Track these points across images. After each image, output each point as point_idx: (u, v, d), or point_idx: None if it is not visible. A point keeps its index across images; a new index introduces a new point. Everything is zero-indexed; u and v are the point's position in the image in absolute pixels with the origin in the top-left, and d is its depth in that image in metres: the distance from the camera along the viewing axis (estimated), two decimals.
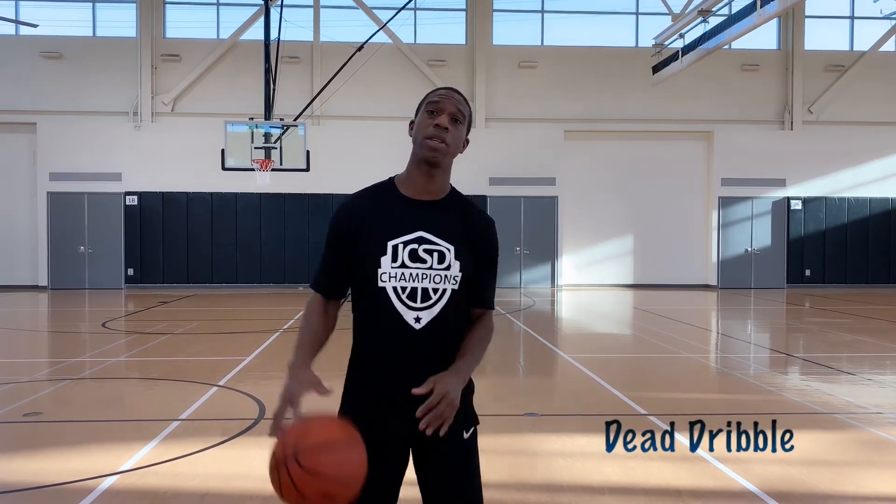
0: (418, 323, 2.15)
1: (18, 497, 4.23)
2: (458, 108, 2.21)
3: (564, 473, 4.66)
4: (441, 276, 2.16)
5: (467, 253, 2.21)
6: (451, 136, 2.19)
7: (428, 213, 2.21)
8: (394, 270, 2.14)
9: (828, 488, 4.40)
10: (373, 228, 2.18)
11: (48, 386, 7.34)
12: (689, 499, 4.22)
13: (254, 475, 4.58)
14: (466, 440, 2.23)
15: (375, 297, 2.15)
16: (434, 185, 2.24)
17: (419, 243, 2.16)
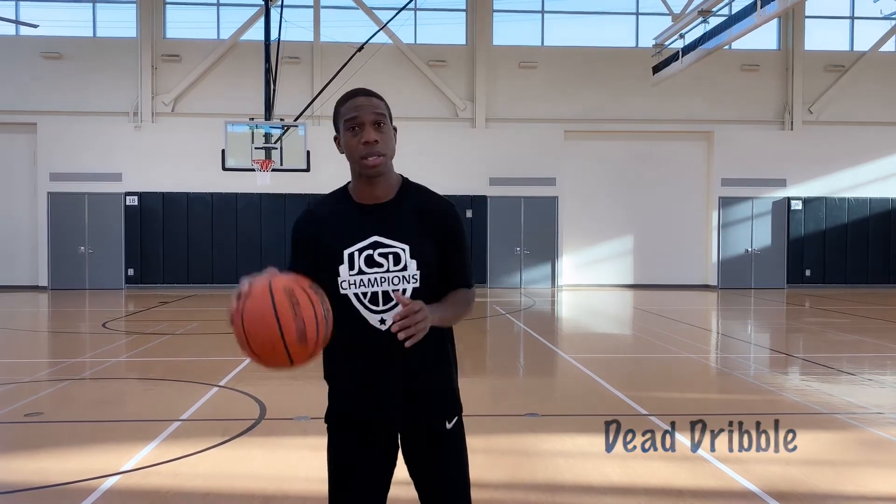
0: (383, 325, 2.17)
1: (20, 497, 4.23)
2: (375, 112, 2.18)
3: (566, 473, 4.66)
4: (399, 276, 2.18)
5: (426, 246, 2.20)
6: (383, 143, 2.18)
7: (380, 217, 2.22)
8: (352, 277, 2.18)
9: (828, 488, 4.41)
10: (329, 238, 2.21)
11: (49, 386, 7.34)
12: (690, 499, 4.22)
13: (256, 475, 4.59)
14: (450, 430, 2.25)
15: (339, 303, 2.16)
16: (379, 190, 2.24)
17: (374, 248, 2.19)
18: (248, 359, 1.93)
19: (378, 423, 2.22)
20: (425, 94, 20.45)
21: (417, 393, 2.22)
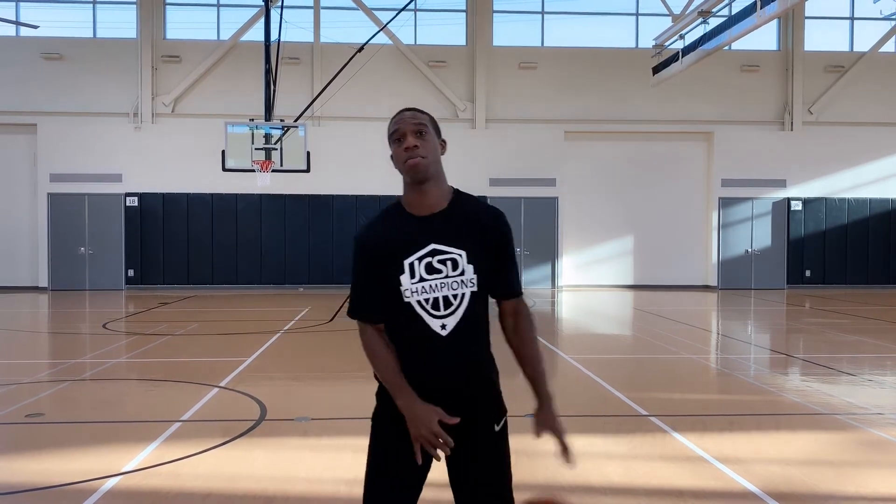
0: (444, 329, 2.29)
1: (22, 498, 4.24)
2: (415, 123, 2.35)
3: (566, 473, 4.66)
4: (458, 281, 2.29)
5: (480, 252, 2.32)
6: (423, 147, 2.31)
7: (436, 225, 2.32)
8: (414, 286, 2.28)
9: (829, 488, 4.41)
10: (390, 251, 2.31)
11: (50, 387, 7.35)
12: (691, 499, 4.23)
13: (256, 475, 4.60)
14: (497, 432, 2.35)
15: (403, 311, 2.30)
16: (431, 199, 2.34)
17: (433, 255, 2.29)
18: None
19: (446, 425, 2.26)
20: (425, 95, 20.45)
21: (471, 396, 2.33)
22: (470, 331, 2.32)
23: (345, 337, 11.10)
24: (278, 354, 9.28)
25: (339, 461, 4.91)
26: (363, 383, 7.53)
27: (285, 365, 8.61)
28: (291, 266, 19.97)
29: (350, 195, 19.88)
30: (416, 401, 2.24)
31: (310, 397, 6.89)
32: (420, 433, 2.20)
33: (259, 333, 11.07)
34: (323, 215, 20.00)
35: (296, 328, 11.85)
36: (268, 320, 12.94)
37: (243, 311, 14.77)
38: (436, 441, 2.19)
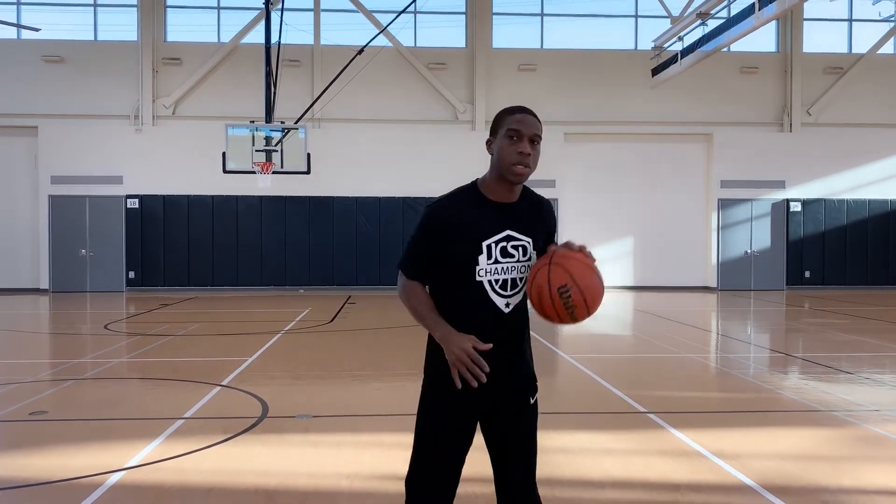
0: (507, 307, 2.51)
1: (27, 493, 4.29)
2: (534, 132, 2.49)
3: (564, 469, 4.72)
4: (525, 266, 2.53)
5: (540, 238, 2.59)
6: (533, 158, 2.49)
7: (511, 214, 2.53)
8: (489, 266, 2.48)
9: (825, 482, 4.46)
10: (468, 230, 2.47)
11: (52, 386, 7.40)
12: (688, 492, 4.28)
13: (258, 471, 4.65)
14: (533, 405, 2.60)
15: (473, 289, 2.47)
16: (514, 194, 2.56)
17: (507, 241, 2.50)
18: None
19: (483, 391, 2.44)
20: (425, 97, 20.52)
21: (518, 370, 2.57)
22: (524, 310, 2.59)
23: (345, 337, 11.16)
24: (279, 354, 9.33)
25: (340, 457, 4.96)
26: (364, 382, 7.62)
27: (286, 364, 8.65)
28: (292, 267, 20.02)
29: (350, 197, 19.93)
30: (452, 330, 2.42)
31: (311, 395, 6.93)
32: (457, 356, 2.36)
33: (260, 334, 11.12)
34: (323, 217, 20.05)
35: (296, 329, 11.89)
36: (269, 321, 12.99)
37: (244, 312, 14.82)
38: (470, 362, 2.35)
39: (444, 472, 2.51)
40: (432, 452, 2.52)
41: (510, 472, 2.57)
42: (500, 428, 2.56)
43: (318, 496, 4.22)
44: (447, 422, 2.50)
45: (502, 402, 2.53)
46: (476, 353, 2.36)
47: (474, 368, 2.35)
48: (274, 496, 4.26)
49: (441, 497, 2.51)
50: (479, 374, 2.36)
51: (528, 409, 2.59)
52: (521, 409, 2.57)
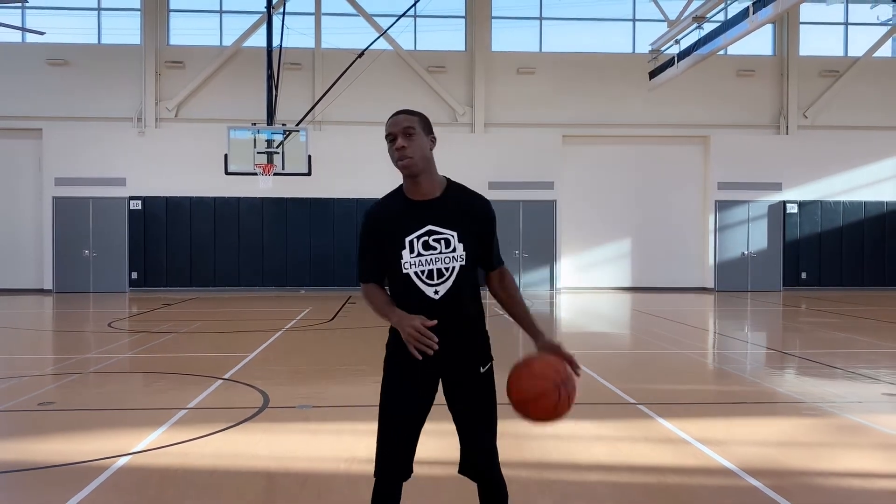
0: (437, 294, 2.73)
1: (40, 474, 4.47)
2: (403, 126, 2.73)
3: (554, 453, 4.91)
4: (449, 257, 2.73)
5: (469, 233, 2.77)
6: (411, 148, 2.71)
7: (431, 210, 2.75)
8: (412, 259, 2.72)
9: (802, 466, 4.65)
10: (392, 229, 2.76)
11: (59, 380, 7.59)
12: (671, 475, 4.47)
13: (259, 455, 4.84)
14: (483, 374, 2.82)
15: (402, 280, 2.75)
16: (425, 188, 2.77)
17: (429, 235, 2.73)
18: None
19: (428, 368, 2.74)
20: (425, 100, 20.72)
21: (465, 346, 2.79)
22: (459, 296, 2.75)
23: (345, 335, 11.35)
24: (280, 350, 9.52)
25: (339, 443, 5.15)
26: (362, 376, 7.81)
27: (287, 359, 8.85)
28: (292, 268, 20.22)
29: (350, 198, 20.13)
30: (403, 314, 2.68)
31: (311, 388, 7.12)
32: (409, 333, 2.61)
33: (262, 332, 11.31)
34: (324, 218, 20.26)
35: (297, 327, 12.09)
36: (270, 319, 13.18)
37: (246, 311, 15.01)
38: (420, 336, 2.59)
39: (402, 432, 2.75)
40: (390, 415, 2.77)
41: (469, 436, 2.81)
42: (455, 396, 2.80)
43: (316, 478, 4.41)
44: (402, 385, 2.77)
45: (453, 374, 2.78)
46: (424, 328, 2.60)
47: (425, 340, 2.58)
48: (274, 478, 4.45)
49: (400, 455, 2.75)
50: (431, 344, 2.59)
51: (479, 377, 2.80)
52: (472, 377, 2.79)
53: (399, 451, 2.75)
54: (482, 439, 2.81)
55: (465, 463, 2.84)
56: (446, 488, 4.10)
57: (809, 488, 4.22)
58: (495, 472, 2.85)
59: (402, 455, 2.75)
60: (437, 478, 4.23)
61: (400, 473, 2.77)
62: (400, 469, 2.76)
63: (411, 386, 2.77)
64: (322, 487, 4.25)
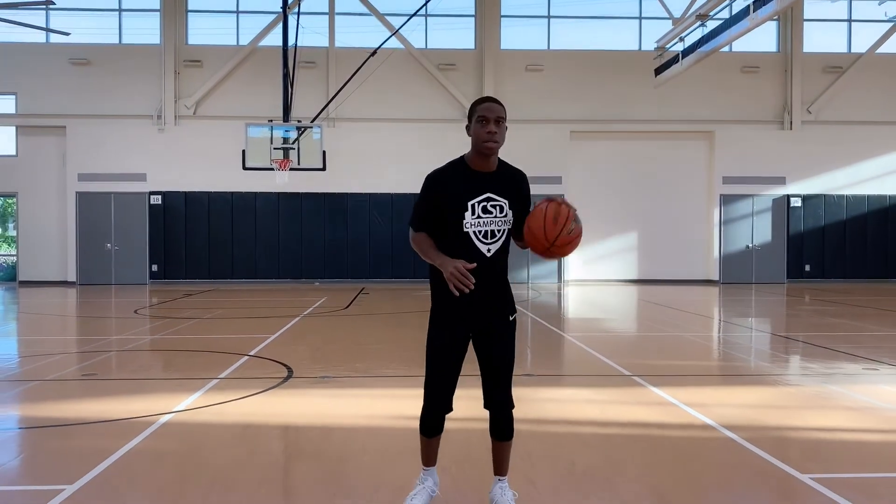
0: (489, 252, 3.27)
1: (93, 427, 5.05)
2: (499, 115, 3.24)
3: (551, 412, 5.45)
4: (502, 220, 3.29)
5: (516, 202, 3.33)
6: (500, 133, 3.25)
7: (490, 180, 3.29)
8: (473, 220, 3.25)
9: (775, 422, 5.17)
10: (456, 193, 3.26)
11: (95, 356, 8.18)
12: (655, 429, 4.99)
13: (287, 413, 5.41)
14: (511, 321, 3.39)
15: (461, 238, 3.25)
16: (491, 164, 3.32)
17: (487, 201, 3.26)
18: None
19: (478, 319, 3.30)
20: (435, 97, 21.26)
21: (500, 297, 3.35)
22: (503, 255, 3.32)
23: (361, 320, 11.91)
24: (300, 332, 10.09)
25: (358, 404, 5.71)
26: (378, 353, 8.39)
27: (307, 339, 9.41)
28: (307, 261, 20.82)
29: (363, 193, 20.70)
30: (447, 258, 3.18)
31: (330, 362, 7.67)
32: (450, 272, 3.10)
33: (281, 317, 11.88)
34: (338, 213, 20.84)
35: (315, 313, 12.66)
36: (288, 307, 13.76)
37: (264, 300, 15.60)
38: (459, 275, 3.08)
39: (446, 373, 3.31)
40: (436, 359, 3.33)
41: (493, 376, 3.35)
42: (488, 338, 3.32)
43: (340, 430, 4.96)
44: (446, 334, 3.31)
45: (489, 320, 3.32)
46: (464, 269, 3.09)
47: (463, 280, 3.08)
48: (302, 430, 5.02)
49: (443, 392, 3.32)
50: (468, 283, 3.08)
51: (508, 324, 3.37)
52: (503, 323, 3.35)
53: (442, 389, 3.30)
54: (504, 378, 3.35)
55: (491, 397, 3.36)
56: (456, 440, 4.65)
57: (778, 439, 4.74)
58: (510, 405, 3.39)
59: (444, 392, 3.30)
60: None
61: (442, 407, 3.33)
62: (443, 403, 3.32)
63: (451, 336, 3.29)
64: (345, 437, 4.80)
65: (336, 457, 4.35)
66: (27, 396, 6.15)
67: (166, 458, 4.37)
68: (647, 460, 4.33)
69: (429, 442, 3.45)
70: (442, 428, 3.41)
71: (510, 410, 3.39)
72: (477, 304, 3.25)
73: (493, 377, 3.35)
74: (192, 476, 4.03)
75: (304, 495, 3.77)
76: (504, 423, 3.39)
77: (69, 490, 3.71)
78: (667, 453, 4.47)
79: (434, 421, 3.37)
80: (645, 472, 4.11)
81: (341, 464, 4.21)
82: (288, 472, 4.25)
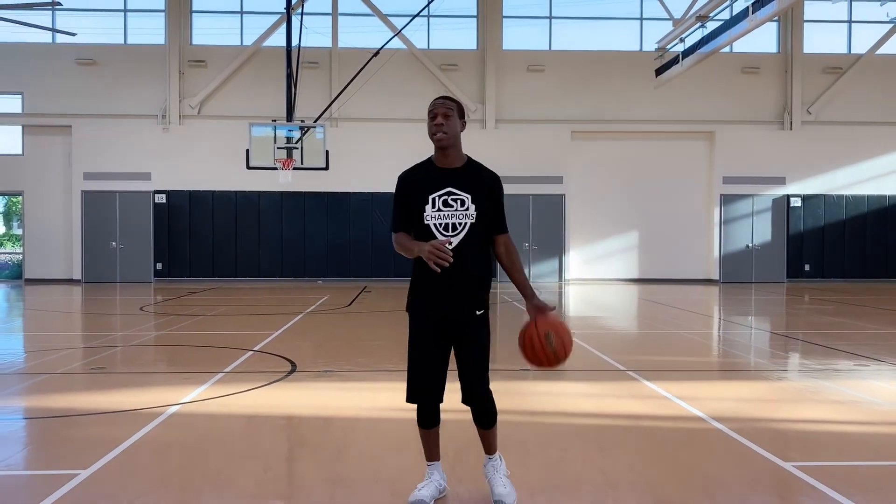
0: (450, 245, 3.35)
1: (105, 417, 5.23)
2: (445, 108, 3.40)
3: (547, 405, 5.62)
4: (463, 213, 3.39)
5: (482, 198, 3.42)
6: (448, 126, 3.38)
7: (452, 176, 3.42)
8: (433, 213, 3.38)
9: (763, 415, 5.33)
10: (420, 188, 3.42)
11: (104, 351, 8.37)
12: (646, 421, 5.16)
13: (291, 405, 5.59)
14: (479, 316, 3.46)
15: (424, 230, 3.40)
16: (451, 159, 3.45)
17: (448, 195, 3.39)
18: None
19: (443, 309, 3.41)
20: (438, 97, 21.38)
21: (468, 291, 3.41)
22: (468, 247, 3.38)
23: (363, 317, 12.09)
24: (304, 329, 10.27)
25: (359, 396, 5.89)
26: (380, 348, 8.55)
27: (310, 336, 9.59)
28: (310, 260, 21.01)
29: (366, 192, 20.88)
30: (423, 243, 3.30)
31: (333, 357, 7.85)
32: (429, 251, 3.21)
33: (284, 314, 12.07)
34: (341, 212, 21.03)
35: (318, 311, 12.84)
36: (291, 305, 13.95)
37: (267, 298, 15.79)
38: (437, 251, 3.20)
39: (423, 361, 3.43)
40: (412, 349, 3.48)
41: (467, 368, 3.44)
42: (458, 334, 3.42)
43: (341, 420, 5.14)
44: (419, 326, 3.47)
45: (458, 314, 3.40)
46: (440, 245, 3.22)
47: (441, 255, 3.19)
48: (305, 420, 5.20)
49: (425, 381, 3.43)
50: (445, 258, 3.19)
51: (476, 318, 3.43)
52: (470, 317, 3.42)
53: (423, 378, 3.43)
54: (478, 374, 3.43)
55: (465, 392, 3.45)
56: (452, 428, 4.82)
57: (764, 430, 4.90)
58: (488, 397, 3.48)
59: (426, 381, 3.42)
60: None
61: (429, 397, 3.45)
62: (428, 393, 3.44)
63: (423, 327, 3.44)
64: (347, 427, 4.97)
65: (338, 446, 4.53)
66: (39, 389, 6.33)
67: (175, 446, 4.55)
68: (638, 448, 4.50)
69: (427, 434, 3.55)
70: (437, 420, 3.51)
71: (489, 402, 3.49)
72: (444, 293, 3.36)
73: (466, 374, 3.44)
74: (200, 463, 4.21)
75: (307, 481, 3.95)
76: (485, 414, 3.51)
77: (83, 474, 3.89)
78: (657, 442, 4.64)
79: (425, 412, 3.49)
80: (635, 459, 4.28)
81: (343, 452, 4.39)
82: (292, 459, 4.43)
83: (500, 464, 3.57)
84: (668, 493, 3.71)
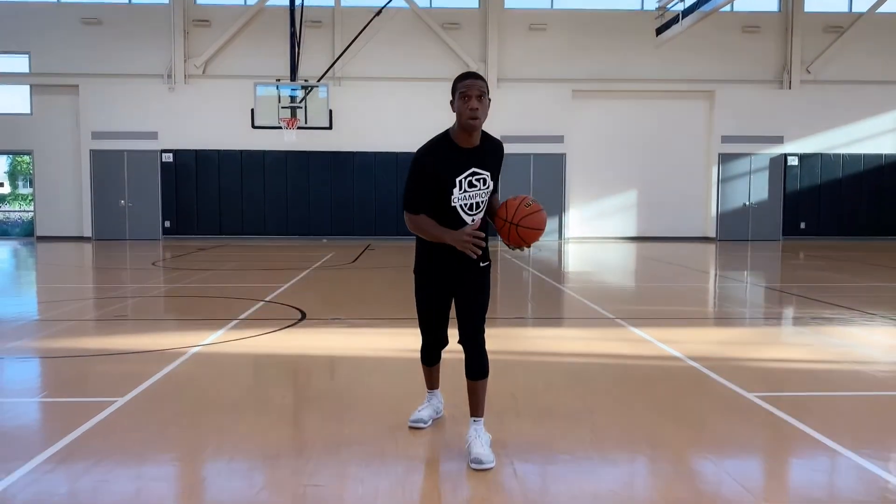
0: (472, 221, 3.53)
1: (133, 356, 5.72)
2: (479, 90, 3.38)
3: (538, 347, 6.10)
4: (484, 192, 3.54)
5: (496, 172, 3.59)
6: (482, 109, 3.38)
7: (474, 155, 3.49)
8: (460, 195, 3.48)
9: (734, 355, 5.81)
10: (445, 170, 3.45)
11: (123, 301, 8.86)
12: (629, 360, 5.64)
13: (303, 346, 6.08)
14: (483, 267, 3.62)
15: (450, 211, 3.50)
16: (474, 139, 3.49)
17: (472, 175, 3.48)
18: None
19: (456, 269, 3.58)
20: (440, 56, 21.61)
21: (476, 259, 3.56)
22: (484, 219, 3.62)
23: (367, 273, 12.57)
24: (311, 282, 10.75)
25: (366, 339, 6.38)
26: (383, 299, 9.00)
27: (317, 289, 10.08)
28: (315, 218, 21.44)
29: (369, 151, 21.21)
30: (454, 232, 3.44)
31: (339, 307, 8.34)
32: (465, 241, 3.37)
33: (291, 269, 12.54)
34: (344, 171, 21.39)
35: (324, 266, 13.32)
36: (297, 261, 14.42)
37: (273, 255, 16.26)
38: (473, 239, 3.37)
39: (434, 316, 3.73)
40: (424, 306, 3.74)
41: (466, 313, 3.59)
42: (461, 283, 3.60)
43: (349, 359, 5.63)
44: (431, 287, 3.67)
45: (463, 267, 3.57)
46: (475, 233, 3.38)
47: (478, 242, 3.37)
48: (315, 359, 5.69)
49: (435, 331, 3.77)
50: (480, 243, 3.38)
51: (479, 269, 3.60)
52: (475, 269, 3.59)
53: (433, 329, 3.74)
54: (476, 315, 3.57)
55: (462, 334, 3.58)
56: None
57: (734, 367, 5.37)
58: (482, 345, 3.59)
59: (436, 331, 3.75)
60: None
61: (436, 343, 3.80)
62: (436, 340, 3.78)
63: (436, 288, 3.65)
64: (354, 364, 5.47)
65: (346, 379, 5.02)
66: (69, 332, 6.82)
67: (201, 378, 5.04)
68: (616, 382, 4.98)
69: (429, 370, 3.94)
70: (439, 358, 3.87)
71: (482, 347, 3.56)
72: (456, 262, 3.53)
73: (465, 314, 3.58)
74: (223, 393, 4.70)
75: (318, 407, 4.43)
76: (476, 359, 3.55)
77: (120, 402, 4.37)
78: (635, 377, 5.12)
79: (431, 354, 3.86)
80: (613, 389, 4.76)
81: (351, 385, 4.88)
82: (305, 389, 4.92)
83: (482, 431, 3.53)
84: (640, 417, 4.19)
